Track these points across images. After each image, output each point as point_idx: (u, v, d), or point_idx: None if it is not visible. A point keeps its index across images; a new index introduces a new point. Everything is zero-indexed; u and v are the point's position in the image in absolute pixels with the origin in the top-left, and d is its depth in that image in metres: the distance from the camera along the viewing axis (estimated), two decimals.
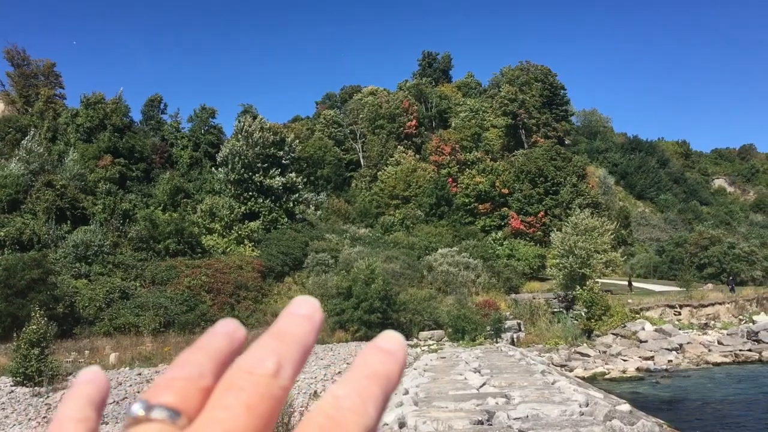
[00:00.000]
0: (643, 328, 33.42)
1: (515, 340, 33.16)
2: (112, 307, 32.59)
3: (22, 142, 49.63)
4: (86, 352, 25.69)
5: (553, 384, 11.70)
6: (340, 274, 39.42)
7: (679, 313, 39.29)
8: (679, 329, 34.63)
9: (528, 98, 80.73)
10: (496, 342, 30.68)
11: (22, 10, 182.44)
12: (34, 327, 19.34)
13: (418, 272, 44.93)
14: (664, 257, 60.37)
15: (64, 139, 55.75)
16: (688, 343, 31.55)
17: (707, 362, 28.91)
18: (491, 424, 7.61)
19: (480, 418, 7.71)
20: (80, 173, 48.14)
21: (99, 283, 34.44)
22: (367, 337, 31.41)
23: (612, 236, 43.22)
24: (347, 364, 22.62)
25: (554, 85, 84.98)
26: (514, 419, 7.70)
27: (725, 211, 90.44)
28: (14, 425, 15.51)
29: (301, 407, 15.10)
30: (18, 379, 18.72)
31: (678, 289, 45.62)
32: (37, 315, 20.02)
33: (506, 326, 33.85)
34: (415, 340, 32.70)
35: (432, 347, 29.92)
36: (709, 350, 30.81)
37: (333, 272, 42.15)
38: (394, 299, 33.81)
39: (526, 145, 78.95)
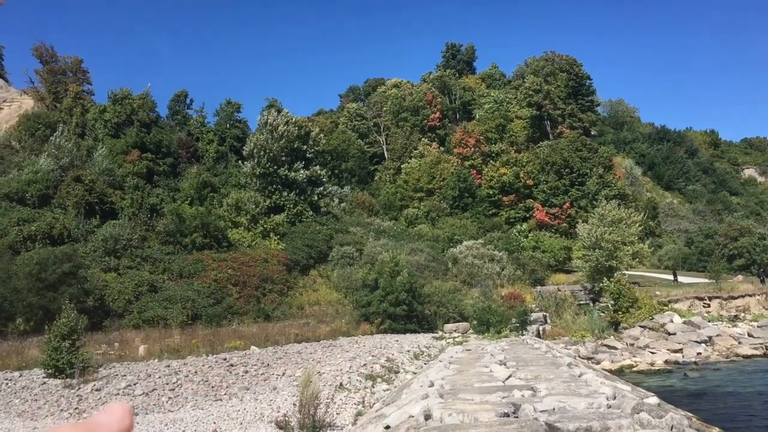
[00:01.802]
0: (672, 321, 32.99)
1: (541, 332, 32.98)
2: (141, 300, 33.07)
3: (51, 138, 50.47)
4: (116, 344, 26.09)
5: (579, 377, 11.63)
6: (365, 266, 39.53)
7: (709, 305, 38.73)
8: (709, 321, 34.14)
9: (553, 89, 80.00)
10: (522, 334, 30.54)
11: (49, 7, 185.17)
12: (65, 320, 19.67)
13: (442, 265, 44.89)
14: (693, 249, 59.51)
15: (92, 135, 56.56)
16: (717, 335, 31.10)
17: (737, 355, 28.47)
18: (517, 417, 7.58)
19: (506, 411, 7.69)
20: (108, 168, 48.83)
21: (128, 277, 34.95)
22: (392, 330, 31.49)
23: (639, 228, 42.71)
24: (372, 356, 22.70)
25: (580, 76, 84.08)
26: (541, 412, 7.67)
27: (755, 202, 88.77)
28: (46, 416, 15.83)
29: (327, 399, 15.20)
30: (50, 371, 19.08)
31: (707, 280, 44.98)
32: (68, 308, 20.36)
33: (532, 319, 33.67)
34: (440, 333, 32.69)
35: (457, 340, 29.88)
36: (739, 343, 30.35)
37: (358, 265, 42.28)
38: (419, 292, 33.81)
39: (551, 137, 78.29)
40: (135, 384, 18.19)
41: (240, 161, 58.04)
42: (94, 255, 36.88)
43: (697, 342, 30.07)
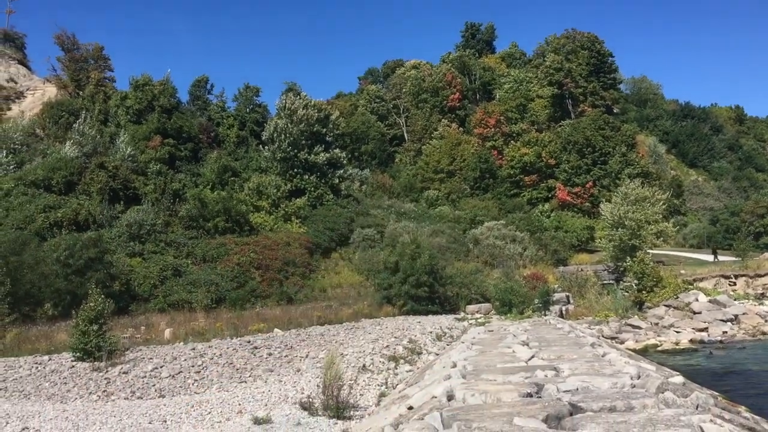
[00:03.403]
0: (697, 300, 32.65)
1: (564, 312, 32.85)
2: (166, 284, 33.49)
3: (75, 125, 50.98)
4: (142, 328, 26.48)
5: (603, 356, 11.57)
6: (386, 249, 39.62)
7: (734, 284, 38.28)
8: (734, 300, 33.73)
9: (574, 67, 78.91)
10: (544, 315, 30.46)
11: None
12: (92, 304, 19.96)
13: (464, 246, 44.82)
14: (719, 227, 58.75)
15: (114, 122, 57.05)
16: (743, 313, 30.74)
17: (764, 333, 28.15)
18: (540, 397, 7.58)
19: (529, 391, 7.69)
20: (131, 154, 49.28)
21: (152, 261, 35.40)
22: (414, 311, 31.59)
23: (663, 206, 42.22)
24: (395, 338, 22.80)
25: (601, 53, 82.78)
26: (564, 392, 7.65)
27: None
28: (76, 398, 16.14)
29: (350, 381, 15.31)
30: (78, 354, 19.42)
31: (733, 258, 44.46)
32: (95, 292, 20.67)
33: (554, 299, 33.54)
34: (462, 314, 32.73)
35: (479, 321, 29.89)
36: (766, 321, 29.98)
37: (379, 247, 42.37)
38: (440, 273, 33.81)
39: (572, 115, 77.39)
40: (161, 367, 18.46)
41: (260, 145, 58.17)
42: (119, 240, 37.36)
43: (722, 321, 29.76)
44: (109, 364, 18.72)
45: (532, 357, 11.99)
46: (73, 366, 18.83)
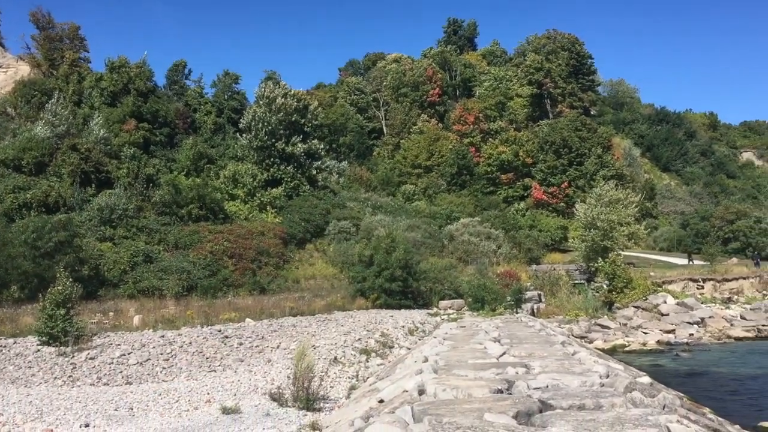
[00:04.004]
0: (665, 302, 33.17)
1: (535, 311, 33.13)
2: (136, 270, 33.05)
3: (47, 105, 49.95)
4: (111, 313, 26.13)
5: (573, 355, 11.67)
6: (362, 242, 39.54)
7: (702, 287, 38.94)
8: (702, 303, 34.34)
9: (554, 67, 79.49)
10: (516, 312, 30.68)
11: None
12: (60, 288, 19.67)
13: (439, 241, 44.93)
14: (689, 230, 59.63)
15: (88, 103, 56.06)
16: (710, 317, 31.29)
17: (729, 337, 28.67)
18: (511, 393, 7.60)
19: (499, 387, 7.70)
20: (105, 137, 48.46)
21: (123, 247, 34.91)
22: (388, 305, 31.60)
23: (636, 209, 42.77)
24: (367, 331, 22.79)
25: (581, 55, 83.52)
26: (534, 389, 7.68)
27: (752, 185, 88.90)
28: (40, 383, 15.88)
29: (321, 372, 15.26)
30: (44, 338, 19.10)
31: (701, 262, 45.21)
32: (63, 276, 20.34)
33: (526, 297, 33.80)
34: (435, 309, 32.82)
35: (452, 316, 30.01)
36: (732, 325, 30.54)
37: (354, 240, 42.30)
38: (414, 268, 33.85)
39: (551, 115, 77.97)
40: (129, 353, 18.24)
41: (238, 133, 57.64)
42: (90, 224, 36.77)
43: (689, 323, 30.26)
44: (76, 349, 18.45)
45: (504, 354, 12.05)
46: (38, 350, 18.51)
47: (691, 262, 46.20)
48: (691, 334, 28.76)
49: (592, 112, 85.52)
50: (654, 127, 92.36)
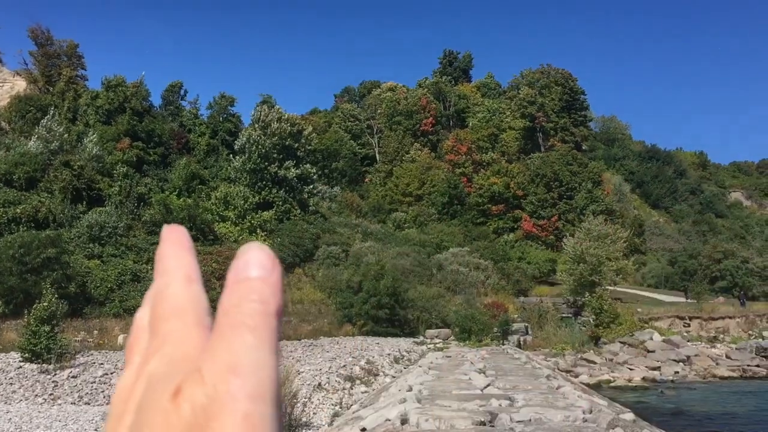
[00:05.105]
0: (651, 338, 33.22)
1: (522, 343, 33.09)
2: (123, 288, 32.84)
3: (42, 121, 49.94)
4: (95, 332, 25.93)
5: (557, 389, 11.69)
6: (350, 268, 39.48)
7: (689, 325, 39.04)
8: (688, 341, 34.41)
9: (547, 101, 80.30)
10: (503, 344, 30.65)
11: None
12: (45, 304, 19.52)
13: (427, 270, 44.88)
14: (677, 268, 59.90)
15: (83, 120, 56.10)
16: (695, 355, 31.33)
17: (714, 376, 28.70)
18: (493, 426, 7.62)
19: (482, 419, 7.72)
20: (98, 155, 48.43)
21: (111, 265, 34.71)
22: (374, 332, 31.48)
23: (625, 244, 42.98)
24: (352, 357, 22.68)
25: (574, 90, 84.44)
26: (517, 422, 7.71)
27: (740, 225, 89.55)
28: (21, 400, 15.69)
29: (305, 398, 15.18)
30: (26, 355, 18.90)
31: (688, 300, 45.36)
32: (49, 293, 20.20)
33: (513, 329, 33.80)
34: (421, 338, 32.71)
35: (438, 346, 29.93)
36: (717, 364, 30.58)
37: (343, 266, 42.21)
38: (402, 296, 33.81)
39: (542, 149, 78.58)
40: (112, 373, 18.07)
41: (231, 155, 57.72)
42: (79, 241, 36.59)
43: (675, 361, 30.27)
44: (58, 367, 18.26)
45: (488, 385, 12.06)
46: (20, 366, 18.32)
47: (687, 300, 46.20)
48: (677, 372, 28.77)
49: (583, 147, 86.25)
50: (644, 164, 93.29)
